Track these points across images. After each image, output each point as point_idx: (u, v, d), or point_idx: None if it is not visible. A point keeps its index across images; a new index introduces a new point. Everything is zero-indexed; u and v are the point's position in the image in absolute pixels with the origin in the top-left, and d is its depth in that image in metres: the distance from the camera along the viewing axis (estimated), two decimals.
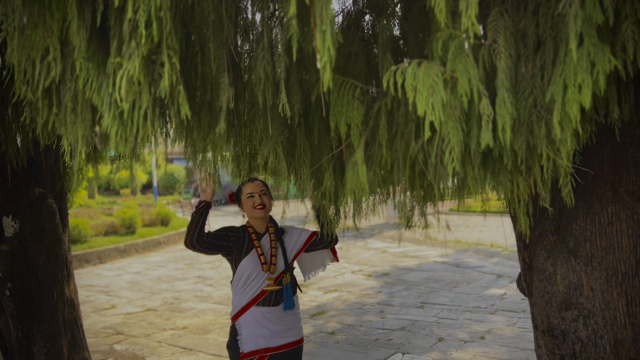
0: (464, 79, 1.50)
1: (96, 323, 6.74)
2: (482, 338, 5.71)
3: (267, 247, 3.01)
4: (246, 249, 2.96)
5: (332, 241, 3.09)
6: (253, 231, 3.02)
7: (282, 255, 3.02)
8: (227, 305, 7.48)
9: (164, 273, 10.20)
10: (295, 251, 3.08)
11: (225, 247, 2.93)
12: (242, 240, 2.98)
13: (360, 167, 1.62)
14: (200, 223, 2.82)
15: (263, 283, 2.95)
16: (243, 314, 2.95)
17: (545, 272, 2.44)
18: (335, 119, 1.80)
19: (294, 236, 3.10)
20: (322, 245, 3.09)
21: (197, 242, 2.80)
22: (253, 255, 2.95)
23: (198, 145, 1.83)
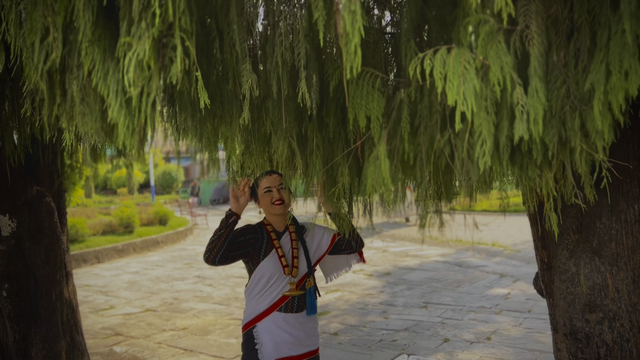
0: (496, 66, 1.40)
1: (94, 324, 6.62)
2: (488, 339, 5.62)
3: (287, 247, 2.73)
4: (265, 249, 2.69)
5: (358, 246, 2.84)
6: (272, 229, 2.75)
7: (304, 256, 2.76)
8: (227, 306, 7.37)
9: (163, 273, 10.08)
10: (318, 253, 2.82)
11: (245, 254, 2.67)
12: (260, 240, 2.71)
13: (382, 162, 1.52)
14: (227, 241, 2.53)
15: (284, 287, 2.68)
16: (260, 320, 2.68)
17: (567, 273, 2.34)
18: (354, 110, 1.70)
19: (317, 236, 2.83)
20: (348, 250, 2.84)
21: (219, 261, 2.54)
22: (273, 257, 2.68)
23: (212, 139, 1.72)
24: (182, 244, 14.10)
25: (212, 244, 2.53)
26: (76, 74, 1.41)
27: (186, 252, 12.62)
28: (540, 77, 1.45)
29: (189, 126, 1.53)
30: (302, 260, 2.75)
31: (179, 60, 1.16)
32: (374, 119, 1.67)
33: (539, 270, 2.74)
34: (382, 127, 1.69)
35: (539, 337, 5.61)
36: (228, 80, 1.55)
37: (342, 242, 2.80)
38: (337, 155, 1.94)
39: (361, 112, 1.68)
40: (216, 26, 1.58)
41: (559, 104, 1.61)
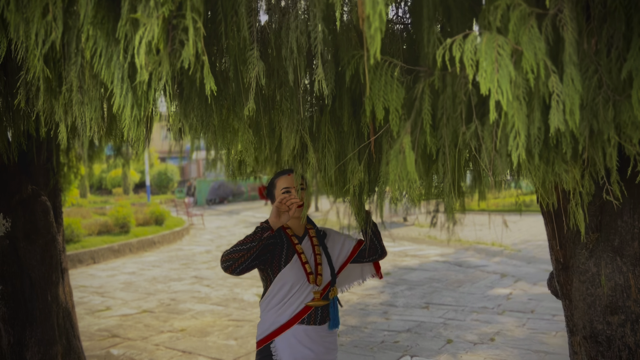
0: (530, 52, 1.30)
1: (91, 325, 6.50)
2: (491, 340, 5.53)
3: (309, 253, 2.51)
4: (286, 255, 2.44)
5: (381, 255, 2.67)
6: (292, 233, 2.52)
7: (327, 263, 2.53)
8: (225, 307, 7.26)
9: (160, 273, 9.96)
10: (341, 260, 2.61)
11: (265, 261, 2.42)
12: (280, 246, 2.46)
13: (407, 155, 1.42)
14: (255, 254, 2.26)
15: (307, 297, 2.44)
16: (280, 334, 2.42)
17: (587, 273, 2.25)
18: (372, 102, 1.60)
19: (338, 242, 2.63)
20: (371, 258, 2.65)
21: (240, 272, 2.28)
22: (295, 264, 2.43)
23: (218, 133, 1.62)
24: (178, 244, 13.97)
25: (237, 254, 2.25)
26: (74, 59, 1.30)
27: (183, 253, 12.49)
28: (576, 64, 1.36)
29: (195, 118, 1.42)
30: (325, 267, 2.52)
31: (191, 42, 1.06)
32: (392, 110, 1.57)
33: (554, 270, 2.65)
34: (401, 119, 1.59)
35: (543, 338, 5.53)
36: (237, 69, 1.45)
37: (365, 250, 2.62)
38: (349, 150, 1.83)
39: (379, 103, 1.58)
40: (222, 9, 1.48)
41: (591, 95, 1.52)
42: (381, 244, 2.67)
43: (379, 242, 2.66)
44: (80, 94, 1.32)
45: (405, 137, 1.44)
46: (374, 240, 2.65)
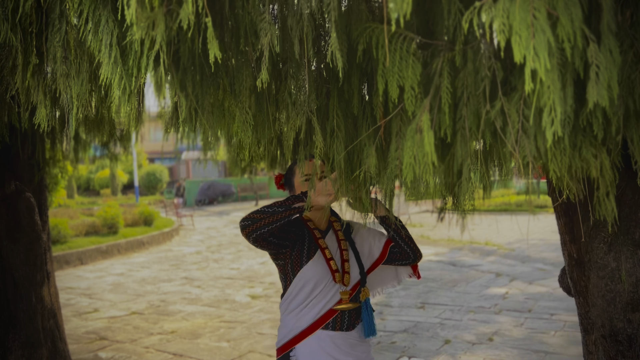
0: (566, 19, 1.17)
1: (78, 328, 6.31)
2: (490, 340, 5.42)
3: (334, 249, 2.22)
4: (308, 250, 2.16)
5: (415, 259, 2.33)
6: (314, 226, 2.24)
7: (355, 260, 2.24)
8: (217, 308, 7.10)
9: (149, 274, 9.76)
10: (370, 260, 2.31)
11: (282, 248, 2.16)
12: (302, 238, 2.19)
13: (425, 133, 1.28)
14: (278, 223, 2.02)
15: (333, 298, 2.15)
16: (301, 340, 2.13)
17: (606, 268, 2.12)
18: (385, 79, 1.46)
19: (367, 237, 2.33)
20: (404, 261, 2.33)
21: (256, 238, 2.03)
22: (319, 260, 2.15)
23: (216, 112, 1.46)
24: (168, 245, 13.76)
25: (259, 215, 2.00)
26: (58, 26, 1.15)
27: (172, 253, 12.29)
28: (614, 33, 1.23)
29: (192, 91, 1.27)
30: (353, 265, 2.22)
31: None
32: (407, 88, 1.44)
33: (567, 266, 2.53)
34: (417, 98, 1.45)
35: (542, 337, 5.43)
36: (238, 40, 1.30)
37: (397, 250, 2.32)
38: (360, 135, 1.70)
39: (393, 80, 1.44)
40: None
41: (626, 71, 1.39)
42: (412, 245, 2.31)
43: (407, 244, 2.30)
44: (65, 65, 1.17)
45: (423, 115, 1.31)
46: (399, 241, 2.30)
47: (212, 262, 10.88)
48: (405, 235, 2.30)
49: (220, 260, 11.06)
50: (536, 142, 1.36)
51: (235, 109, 1.55)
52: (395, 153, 1.58)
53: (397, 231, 2.29)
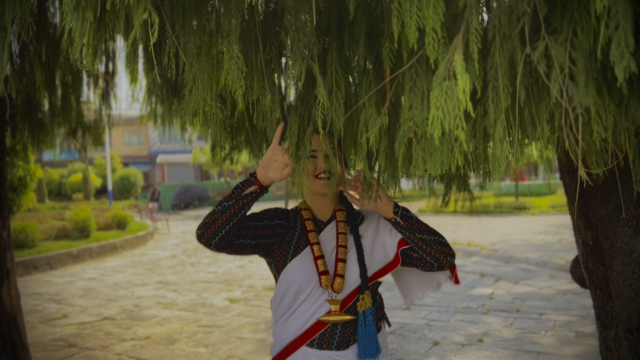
0: None
1: (45, 335, 5.92)
2: (480, 341, 5.22)
3: (330, 245, 1.82)
4: (295, 246, 1.80)
5: (443, 266, 1.82)
6: (310, 217, 1.86)
7: (356, 259, 1.80)
8: (194, 312, 6.76)
9: (122, 279, 9.35)
10: (383, 258, 1.84)
11: (266, 248, 1.81)
12: (292, 231, 1.84)
13: (460, 78, 1.04)
14: (235, 219, 1.67)
15: (322, 307, 1.75)
16: (286, 357, 1.78)
17: (633, 254, 1.91)
18: (402, 20, 1.22)
19: (382, 232, 1.87)
20: (429, 270, 1.84)
21: (218, 245, 1.69)
22: (305, 258, 1.77)
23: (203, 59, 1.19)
24: (142, 249, 13.32)
25: (212, 217, 1.67)
26: None
27: (147, 258, 11.87)
28: None
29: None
30: (352, 266, 1.79)
31: None
32: (429, 31, 1.19)
33: (581, 255, 2.32)
34: (440, 42, 1.21)
35: (533, 337, 5.25)
36: None
37: (416, 255, 1.82)
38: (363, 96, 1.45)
39: (411, 22, 1.20)
40: None
41: None
42: (433, 252, 1.78)
43: (425, 250, 1.77)
44: None
45: (456, 54, 1.06)
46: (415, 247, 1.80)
47: (188, 266, 10.51)
48: (423, 236, 1.78)
49: (196, 264, 10.70)
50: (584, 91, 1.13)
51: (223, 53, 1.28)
52: (408, 112, 1.33)
53: (411, 228, 1.78)
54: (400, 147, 1.36)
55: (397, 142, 1.37)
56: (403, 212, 1.80)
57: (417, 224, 1.80)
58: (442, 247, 1.79)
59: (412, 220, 1.80)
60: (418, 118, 1.30)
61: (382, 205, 1.79)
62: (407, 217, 1.80)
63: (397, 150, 1.37)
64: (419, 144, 1.33)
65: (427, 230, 1.80)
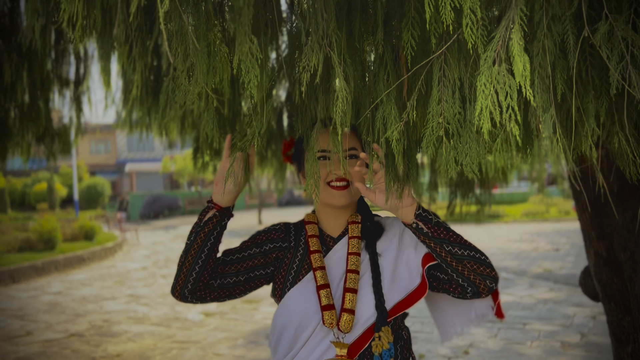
0: None
1: (7, 354, 5.55)
2: (466, 352, 5.08)
3: (339, 270, 1.46)
4: (296, 271, 1.48)
5: (480, 291, 1.37)
6: (315, 232, 1.52)
7: (370, 288, 1.42)
8: (167, 327, 6.46)
9: (90, 292, 8.96)
10: (411, 283, 1.45)
11: (262, 280, 1.52)
12: (292, 252, 1.51)
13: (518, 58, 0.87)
14: (202, 254, 1.41)
15: (329, 351, 1.39)
16: None
17: None
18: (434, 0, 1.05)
19: (408, 244, 1.49)
20: (461, 295, 1.41)
21: (193, 294, 1.42)
22: (307, 287, 1.44)
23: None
24: (111, 261, 12.86)
25: (179, 263, 1.43)
26: None
27: (116, 270, 11.45)
28: None
29: None
30: (364, 297, 1.41)
31: None
32: (467, 12, 1.03)
33: (593, 267, 2.19)
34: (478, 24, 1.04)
35: (519, 348, 5.14)
36: None
37: (445, 277, 1.42)
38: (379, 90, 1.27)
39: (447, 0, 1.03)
40: None
41: None
42: (466, 273, 1.35)
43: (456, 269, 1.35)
44: None
45: (513, 32, 0.89)
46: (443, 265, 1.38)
47: (159, 278, 10.16)
48: (454, 250, 1.35)
49: (168, 276, 10.34)
50: None
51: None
52: (437, 107, 1.16)
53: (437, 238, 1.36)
54: (428, 147, 1.19)
55: (425, 141, 1.20)
56: (427, 216, 1.38)
57: (447, 233, 1.36)
58: (480, 266, 1.35)
59: (440, 228, 1.37)
60: (449, 113, 1.13)
61: (404, 205, 1.37)
62: (432, 222, 1.37)
63: (425, 150, 1.20)
64: (450, 143, 1.15)
65: (459, 242, 1.37)
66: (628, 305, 2.04)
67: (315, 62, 1.00)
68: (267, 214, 24.41)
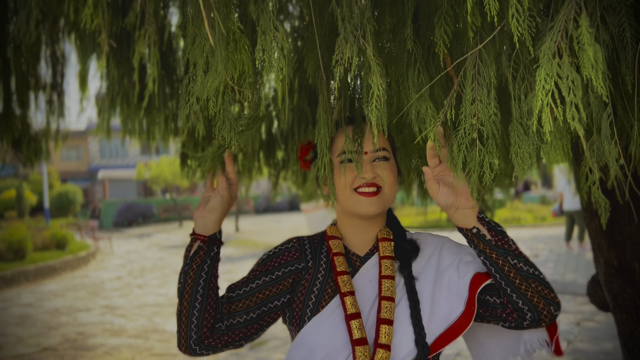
0: None
1: None
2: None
3: (369, 295, 1.26)
4: (318, 295, 1.27)
5: (540, 317, 1.17)
6: (341, 250, 1.30)
7: (409, 316, 1.23)
8: (145, 339, 6.25)
9: (63, 304, 8.65)
10: (453, 312, 1.23)
11: (278, 311, 1.31)
12: (312, 274, 1.30)
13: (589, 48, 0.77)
14: (198, 295, 1.23)
15: None
16: None
17: None
18: None
19: (448, 264, 1.29)
20: (515, 323, 1.21)
21: (200, 341, 1.24)
22: (332, 316, 1.23)
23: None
24: (84, 270, 12.50)
25: (177, 316, 1.27)
26: None
27: (89, 280, 11.12)
28: None
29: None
30: (402, 329, 1.21)
31: None
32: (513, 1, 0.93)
33: (603, 276, 2.12)
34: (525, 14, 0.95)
35: None
36: None
37: (496, 300, 1.23)
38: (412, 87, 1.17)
39: None
40: None
41: None
42: (527, 293, 1.16)
43: (518, 289, 1.16)
44: None
45: (582, 18, 0.80)
46: (501, 281, 1.18)
47: (135, 288, 9.88)
48: (519, 265, 1.17)
49: (144, 286, 10.07)
50: None
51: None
52: (471, 107, 1.06)
53: (502, 248, 1.18)
54: (460, 151, 1.09)
55: (456, 145, 1.10)
56: (490, 222, 1.21)
57: (511, 244, 1.18)
58: (544, 289, 1.17)
59: (505, 237, 1.19)
60: (484, 114, 1.04)
61: (467, 205, 1.19)
62: (497, 229, 1.20)
63: (456, 155, 1.10)
64: (485, 147, 1.06)
65: (524, 256, 1.18)
66: None
67: (349, 55, 0.89)
68: (245, 221, 24.13)
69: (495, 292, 1.23)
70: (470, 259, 1.28)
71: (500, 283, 1.19)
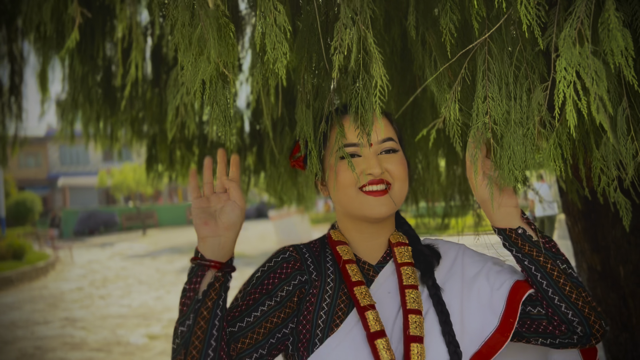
0: None
1: None
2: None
3: (390, 309, 1.08)
4: (329, 313, 1.06)
5: (590, 333, 1.03)
6: (352, 257, 1.11)
7: (439, 332, 1.05)
8: (108, 352, 6.01)
9: (19, 317, 8.28)
10: (483, 325, 1.06)
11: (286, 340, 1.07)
12: (319, 287, 1.09)
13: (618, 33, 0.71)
14: (214, 343, 0.96)
15: None
16: None
17: None
18: None
19: (475, 273, 1.13)
20: (557, 339, 1.06)
21: None
22: (350, 336, 1.03)
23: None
24: (42, 282, 12.04)
25: (176, 351, 0.98)
26: None
27: (48, 291, 10.70)
28: None
29: None
30: (431, 347, 1.03)
31: None
32: None
33: (586, 281, 2.08)
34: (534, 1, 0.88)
35: None
36: None
37: (539, 312, 1.07)
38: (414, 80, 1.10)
39: None
40: None
41: None
42: (577, 302, 1.03)
43: (567, 297, 1.03)
44: None
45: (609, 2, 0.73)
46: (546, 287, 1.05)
47: (97, 299, 9.55)
48: (569, 270, 1.05)
49: (107, 297, 9.75)
50: None
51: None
52: (482, 105, 0.99)
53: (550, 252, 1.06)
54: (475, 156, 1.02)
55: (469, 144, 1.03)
56: (533, 223, 1.09)
57: (559, 248, 1.06)
58: (592, 300, 1.06)
59: (551, 241, 1.07)
60: (496, 112, 0.97)
61: (506, 202, 1.07)
62: (541, 232, 1.09)
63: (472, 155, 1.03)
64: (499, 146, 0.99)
65: (569, 263, 1.06)
66: (625, 322, 1.95)
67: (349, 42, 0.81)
68: None
69: (538, 302, 1.07)
70: (498, 268, 1.13)
71: (546, 291, 1.04)
